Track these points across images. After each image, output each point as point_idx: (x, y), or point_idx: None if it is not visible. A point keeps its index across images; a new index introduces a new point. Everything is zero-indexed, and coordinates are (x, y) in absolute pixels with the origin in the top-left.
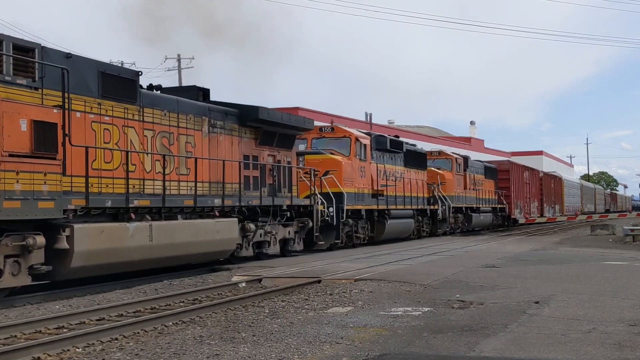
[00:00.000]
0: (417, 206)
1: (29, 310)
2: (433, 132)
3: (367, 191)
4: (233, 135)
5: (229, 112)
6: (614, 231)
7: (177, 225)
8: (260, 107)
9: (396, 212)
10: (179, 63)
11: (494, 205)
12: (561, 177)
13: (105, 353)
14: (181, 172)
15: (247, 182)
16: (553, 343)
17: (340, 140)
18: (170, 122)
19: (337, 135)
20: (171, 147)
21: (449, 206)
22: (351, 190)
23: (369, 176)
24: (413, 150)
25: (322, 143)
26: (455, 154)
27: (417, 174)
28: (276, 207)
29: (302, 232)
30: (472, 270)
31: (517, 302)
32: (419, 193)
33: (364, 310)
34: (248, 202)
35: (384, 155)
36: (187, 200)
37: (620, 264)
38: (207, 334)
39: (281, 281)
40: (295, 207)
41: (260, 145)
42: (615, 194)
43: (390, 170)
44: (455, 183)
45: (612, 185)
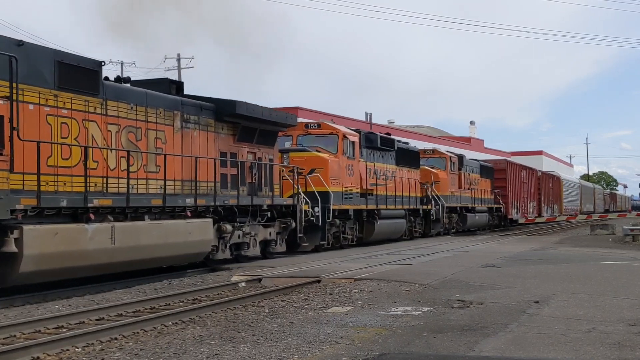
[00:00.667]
0: (409, 206)
1: (28, 310)
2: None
3: (356, 190)
4: (209, 130)
5: (204, 107)
6: (613, 231)
7: (143, 227)
8: (237, 102)
9: (386, 212)
10: (179, 63)
11: (490, 205)
12: (560, 176)
13: (105, 353)
14: (150, 169)
15: (225, 180)
16: (553, 343)
17: (327, 138)
18: (137, 116)
19: (323, 132)
20: (139, 142)
21: (443, 206)
22: (338, 190)
23: (358, 175)
24: (405, 149)
25: (308, 140)
26: (449, 153)
27: (410, 172)
28: (256, 207)
29: (285, 233)
30: (471, 270)
31: (517, 302)
32: (411, 192)
33: (364, 310)
34: (224, 201)
35: (374, 153)
36: (154, 200)
37: (620, 264)
38: (206, 334)
39: (281, 281)
40: (278, 207)
41: (239, 142)
42: (615, 193)
43: (380, 168)
44: (450, 182)
45: (612, 185)
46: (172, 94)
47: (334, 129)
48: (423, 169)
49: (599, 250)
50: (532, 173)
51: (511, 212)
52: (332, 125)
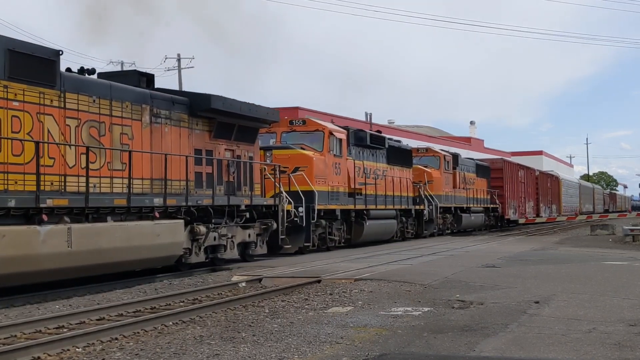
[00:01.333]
0: (400, 206)
1: (29, 310)
2: (433, 132)
3: (343, 190)
4: (182, 126)
5: (176, 101)
6: (613, 231)
7: (104, 229)
8: (213, 95)
9: (376, 212)
10: (179, 63)
11: (486, 205)
12: (558, 176)
13: (105, 353)
14: (115, 167)
15: (199, 179)
16: (553, 343)
17: (313, 135)
18: (100, 109)
19: (309, 128)
20: (102, 138)
21: (436, 206)
22: (324, 189)
23: (345, 173)
24: (397, 147)
25: (292, 137)
26: (443, 151)
27: (402, 171)
28: (233, 207)
29: (266, 235)
30: (472, 270)
31: (517, 302)
32: (402, 192)
33: (364, 310)
34: (197, 201)
35: (363, 151)
36: (118, 200)
37: (620, 264)
38: (207, 334)
39: (281, 281)
40: (258, 208)
41: (216, 139)
42: (615, 193)
43: (370, 167)
44: (444, 181)
45: (612, 185)
46: (141, 87)
47: (319, 125)
48: (416, 167)
49: (599, 251)
50: (530, 172)
51: (508, 213)
52: (318, 122)
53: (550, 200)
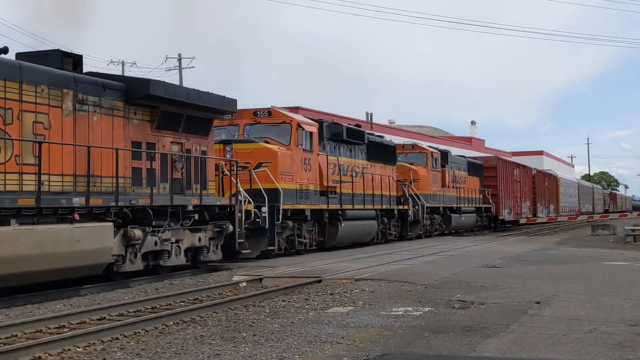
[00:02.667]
0: (381, 206)
1: (30, 310)
2: (434, 132)
3: (314, 188)
4: (115, 115)
5: (108, 86)
6: (614, 231)
7: (5, 234)
8: (152, 80)
9: (353, 212)
10: (180, 63)
11: (478, 205)
12: (556, 175)
13: (106, 352)
14: (26, 161)
15: (138, 176)
16: (554, 343)
17: (279, 127)
18: (7, 94)
19: (275, 120)
20: (8, 127)
21: (423, 206)
22: (291, 187)
23: (317, 170)
24: (378, 142)
25: (257, 130)
26: (431, 148)
27: (384, 169)
28: (178, 207)
29: (220, 238)
30: (472, 270)
31: (518, 302)
32: (384, 191)
33: (365, 310)
34: (131, 201)
35: (339, 146)
36: (23, 200)
37: (621, 264)
38: (207, 334)
39: (282, 281)
40: (212, 208)
41: (160, 130)
42: (615, 194)
43: (347, 164)
44: (431, 180)
45: (613, 185)
46: (65, 69)
47: (286, 117)
48: (401, 165)
49: (600, 251)
50: (527, 171)
51: (502, 213)
52: (285, 113)
53: (548, 200)
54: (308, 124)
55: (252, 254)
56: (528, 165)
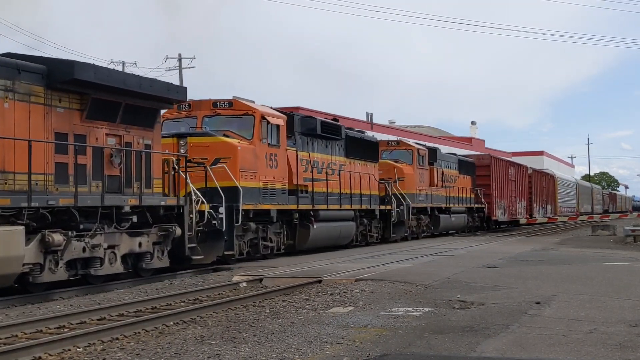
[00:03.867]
0: (360, 206)
1: (30, 310)
2: (434, 132)
3: (281, 186)
4: (33, 102)
5: (24, 68)
6: (614, 232)
7: None
8: (78, 62)
9: (327, 213)
10: (180, 63)
11: (469, 205)
12: (554, 174)
13: (106, 353)
14: None
15: (63, 172)
16: (554, 343)
17: (241, 119)
18: None
19: (236, 112)
20: None
21: (408, 206)
22: (253, 185)
23: (285, 167)
24: (358, 138)
25: (216, 122)
26: (418, 145)
27: (365, 166)
28: (111, 209)
29: (167, 243)
30: (472, 270)
31: (518, 303)
32: (364, 190)
33: (365, 310)
34: (48, 202)
35: (313, 141)
36: None
37: (621, 265)
38: (208, 334)
39: (282, 281)
40: (156, 209)
41: (91, 120)
42: (615, 194)
43: (322, 160)
44: (417, 179)
45: (613, 185)
46: None
47: (249, 108)
48: (384, 163)
49: (600, 251)
50: (522, 170)
51: (496, 213)
52: (248, 104)
53: (544, 200)
54: (274, 116)
55: (207, 259)
56: (524, 164)
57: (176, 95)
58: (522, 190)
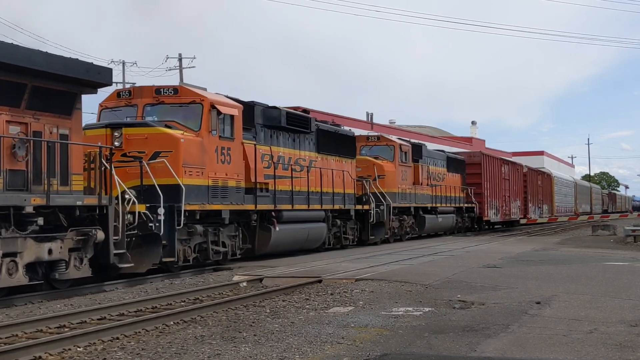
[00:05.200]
0: (332, 206)
1: (30, 309)
2: (434, 132)
3: (236, 184)
4: None
5: None
6: (615, 232)
7: None
8: None
9: (293, 214)
10: (180, 62)
11: (458, 205)
12: (551, 173)
13: (107, 352)
14: None
15: None
16: (554, 344)
17: (188, 109)
18: None
19: (182, 100)
20: None
21: (389, 206)
22: (200, 182)
23: (240, 162)
24: (332, 132)
25: (160, 112)
26: (400, 140)
27: (340, 163)
28: (8, 209)
29: (87, 249)
30: (473, 270)
31: (519, 303)
32: (338, 188)
33: (365, 310)
34: None
35: (278, 134)
36: None
37: (622, 265)
38: (208, 334)
39: (282, 281)
40: (71, 210)
41: None
42: (615, 194)
43: (288, 155)
44: (399, 176)
45: (614, 185)
46: None
47: (197, 95)
48: (363, 159)
49: (601, 251)
50: (517, 168)
51: (488, 213)
52: (196, 91)
53: (541, 200)
54: (227, 105)
55: (140, 267)
56: (518, 162)
57: (98, 77)
58: (517, 189)
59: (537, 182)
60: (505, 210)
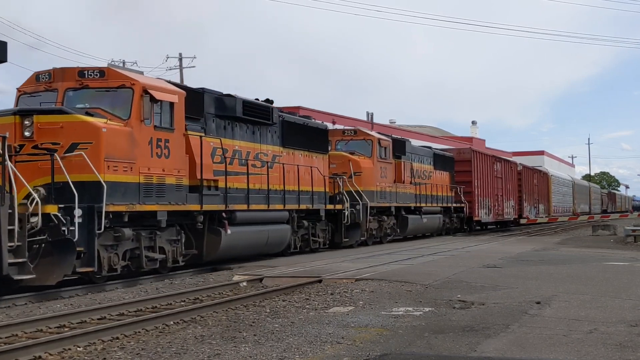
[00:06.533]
0: (298, 205)
1: (30, 309)
2: (434, 132)
3: (176, 181)
4: None
5: None
6: (615, 232)
7: None
8: None
9: (248, 214)
10: (181, 62)
11: (446, 205)
12: (547, 172)
13: (107, 352)
14: None
15: None
16: (554, 343)
17: (116, 94)
18: None
19: (110, 84)
20: None
21: (365, 205)
22: (128, 179)
23: (182, 157)
24: (300, 124)
25: (83, 97)
26: (380, 135)
27: (309, 158)
28: None
29: None
30: (473, 270)
31: (519, 303)
32: (305, 186)
33: (365, 310)
34: None
35: (234, 126)
36: None
37: (622, 265)
38: (208, 334)
39: (282, 280)
40: None
41: None
42: (614, 193)
43: (246, 149)
44: (378, 173)
45: (614, 185)
46: None
47: (126, 79)
48: (338, 155)
49: (601, 251)
50: (511, 166)
51: (478, 213)
52: (125, 74)
53: (537, 200)
54: (163, 91)
55: (48, 279)
56: (512, 160)
57: None
58: (511, 188)
59: (532, 180)
60: (498, 210)
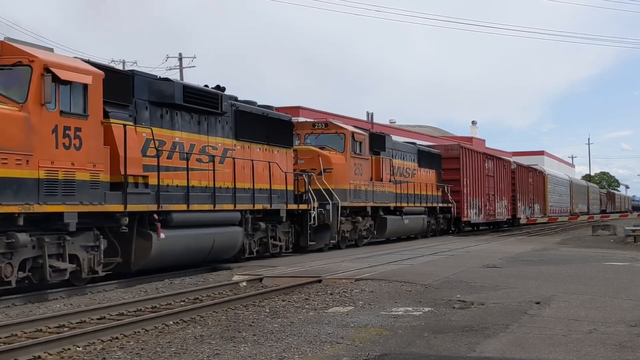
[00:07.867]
0: (253, 205)
1: (30, 309)
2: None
3: (89, 176)
4: None
5: None
6: (615, 232)
7: None
8: None
9: (187, 216)
10: (181, 62)
11: (431, 204)
12: (543, 171)
13: (106, 352)
14: None
15: None
16: (554, 344)
17: (11, 73)
18: None
19: (3, 60)
20: None
21: (336, 205)
22: (22, 174)
23: (98, 148)
24: (257, 114)
25: None
26: (355, 128)
27: (269, 153)
28: None
29: None
30: (473, 270)
31: (518, 303)
32: (262, 183)
33: (365, 310)
34: None
35: (174, 114)
36: None
37: (622, 265)
38: (207, 333)
39: (282, 280)
40: None
41: None
42: (613, 193)
43: (189, 142)
44: (352, 170)
45: (614, 185)
46: None
47: (24, 54)
48: (307, 149)
49: (601, 251)
50: (503, 165)
51: (467, 213)
52: (23, 49)
53: (532, 199)
54: (72, 70)
55: None
56: (505, 158)
57: None
58: (504, 187)
59: (527, 179)
60: (489, 210)
